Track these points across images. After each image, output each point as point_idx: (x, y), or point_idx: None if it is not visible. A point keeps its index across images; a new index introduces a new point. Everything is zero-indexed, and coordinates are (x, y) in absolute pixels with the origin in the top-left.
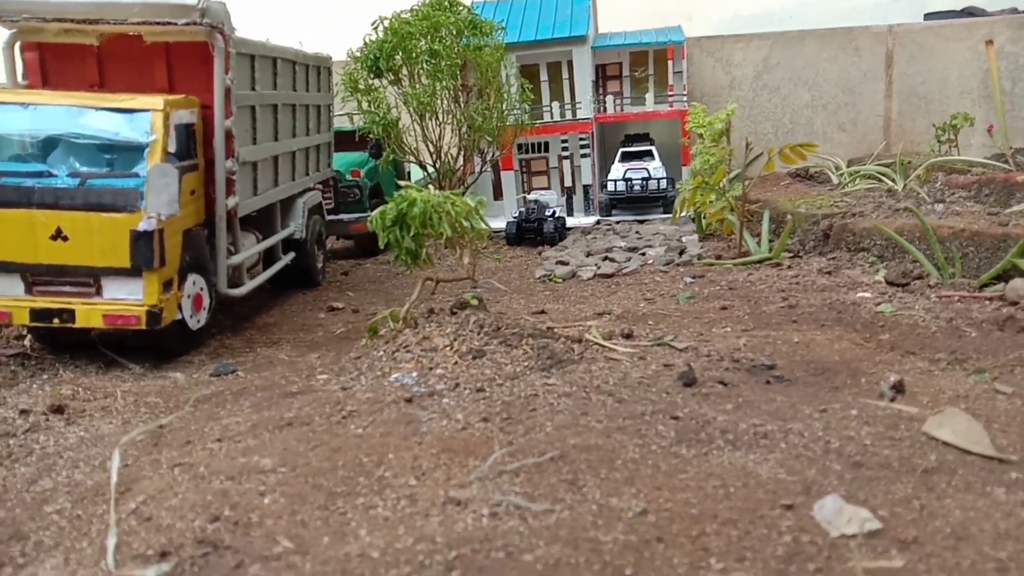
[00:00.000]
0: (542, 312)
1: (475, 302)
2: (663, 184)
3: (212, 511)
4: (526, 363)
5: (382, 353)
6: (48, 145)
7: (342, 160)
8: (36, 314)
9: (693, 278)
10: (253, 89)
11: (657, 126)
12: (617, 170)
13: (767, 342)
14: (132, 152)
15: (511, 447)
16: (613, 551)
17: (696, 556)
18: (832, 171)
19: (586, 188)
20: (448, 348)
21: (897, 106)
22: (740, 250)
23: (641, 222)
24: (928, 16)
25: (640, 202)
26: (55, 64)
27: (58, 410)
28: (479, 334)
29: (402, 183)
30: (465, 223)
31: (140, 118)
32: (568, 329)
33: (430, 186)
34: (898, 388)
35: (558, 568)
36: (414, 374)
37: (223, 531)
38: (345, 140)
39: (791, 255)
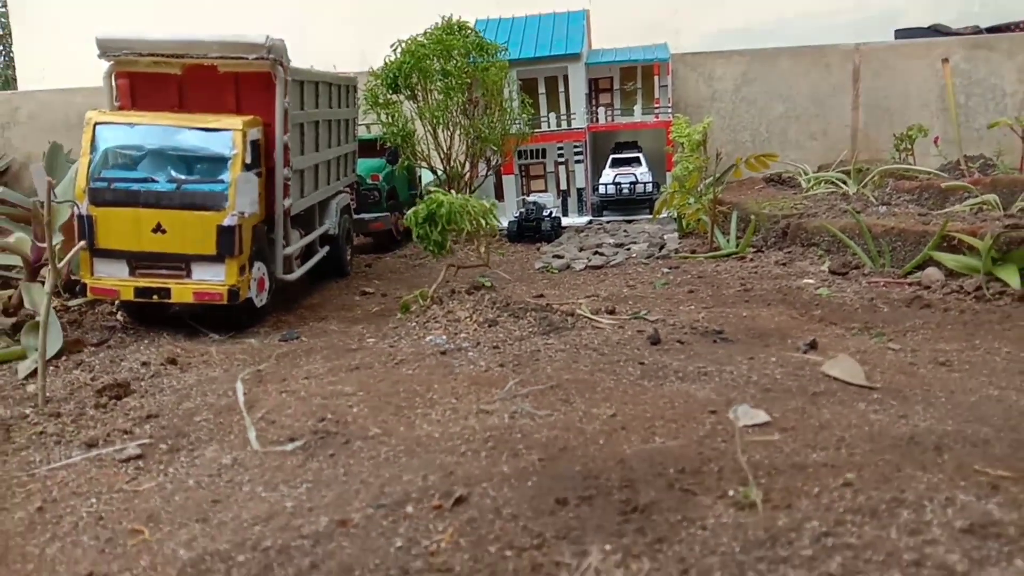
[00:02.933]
0: (541, 296)
1: (488, 284)
2: (649, 188)
3: (318, 416)
4: (530, 329)
5: (415, 324)
6: (150, 157)
7: (363, 166)
8: (139, 291)
9: (669, 269)
10: (302, 109)
11: (645, 135)
12: (608, 175)
13: (721, 316)
14: (218, 163)
15: (522, 381)
16: (592, 433)
17: (646, 435)
18: (801, 176)
19: (580, 191)
20: (468, 319)
21: (863, 117)
22: (711, 245)
23: (629, 222)
24: (898, 32)
25: (628, 204)
26: (143, 89)
27: (172, 361)
28: (492, 308)
29: (431, 188)
30: (482, 220)
31: (224, 136)
32: (563, 306)
33: (441, 188)
34: (812, 345)
35: (556, 440)
36: (444, 337)
37: (330, 425)
38: (365, 148)
39: (755, 250)
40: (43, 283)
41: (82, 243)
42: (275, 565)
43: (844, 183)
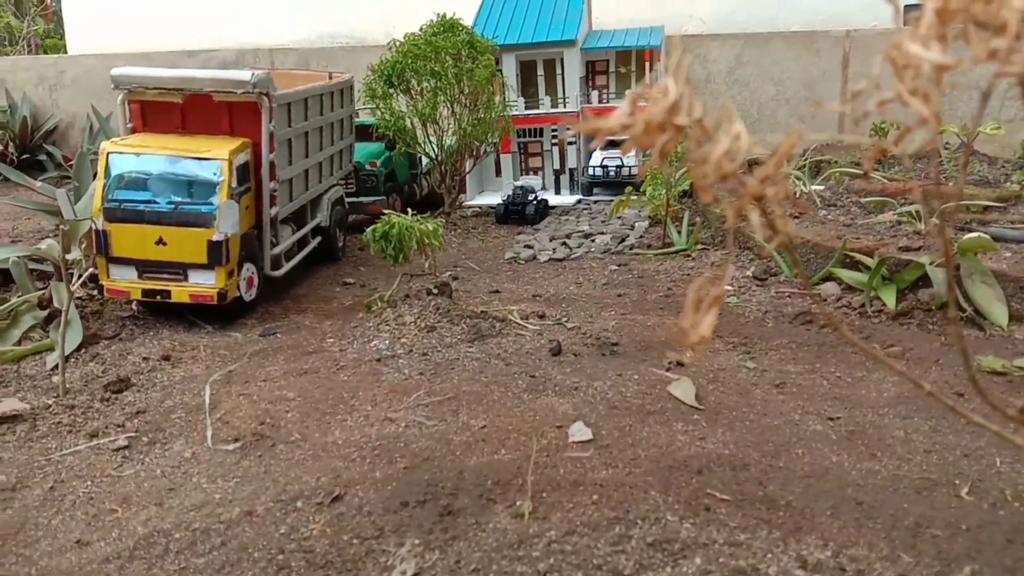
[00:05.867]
0: (497, 291)
1: (436, 292)
2: (634, 171)
3: (260, 419)
4: (460, 336)
5: (371, 325)
6: (153, 181)
7: (363, 151)
8: (146, 292)
9: (617, 267)
10: (289, 126)
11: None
12: (597, 157)
13: (629, 324)
14: (208, 187)
15: (430, 391)
16: (457, 444)
17: (495, 447)
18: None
19: (572, 171)
20: (412, 323)
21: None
22: (664, 241)
23: None
24: (908, 7)
25: (615, 185)
26: (151, 114)
27: (167, 358)
28: (435, 314)
29: (407, 215)
30: (427, 240)
31: (213, 164)
32: (498, 312)
33: (431, 172)
34: (679, 363)
35: (425, 451)
36: (387, 342)
37: (266, 429)
38: (364, 132)
39: (703, 247)
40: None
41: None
42: (198, 542)
43: (800, 179)
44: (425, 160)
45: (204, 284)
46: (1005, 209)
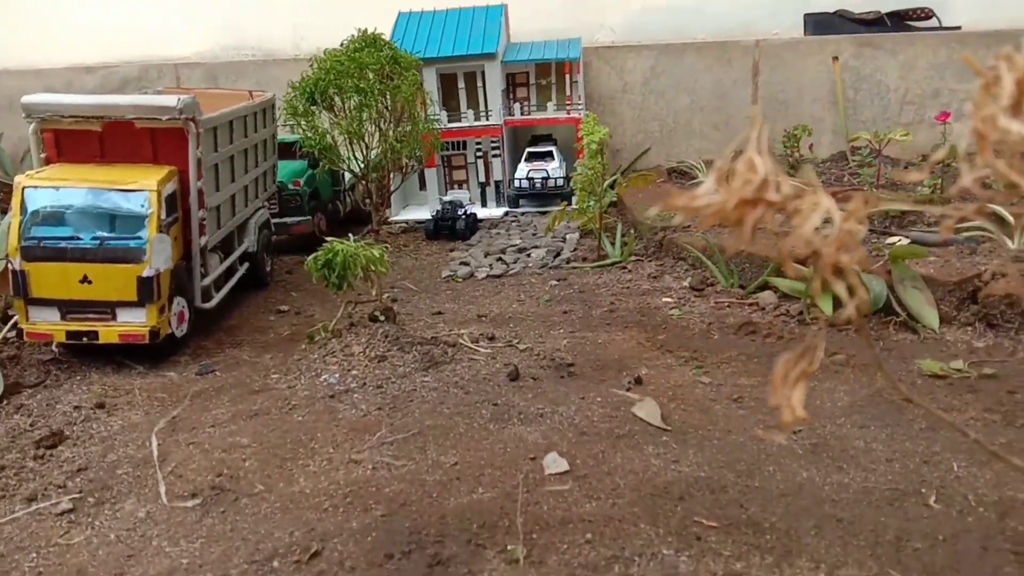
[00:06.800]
0: (439, 313)
1: (382, 318)
2: (559, 182)
3: (216, 471)
4: (413, 364)
5: (316, 356)
6: (75, 215)
7: (284, 170)
8: (70, 334)
9: (557, 281)
10: (216, 151)
11: (560, 129)
12: (522, 169)
13: (580, 342)
14: (136, 220)
15: (392, 427)
16: (431, 485)
17: (472, 486)
18: (700, 170)
19: (497, 183)
20: (361, 354)
21: (761, 109)
22: (599, 253)
23: (543, 213)
24: (807, 16)
25: (541, 197)
26: (66, 142)
27: (101, 406)
28: (384, 342)
29: (330, 238)
30: (373, 267)
31: (140, 196)
32: (448, 336)
33: (356, 186)
34: (637, 381)
35: (400, 495)
36: (336, 375)
37: (225, 481)
38: (286, 150)
39: (637, 259)
40: None
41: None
42: None
43: None
44: (348, 176)
45: (134, 323)
46: (922, 213)
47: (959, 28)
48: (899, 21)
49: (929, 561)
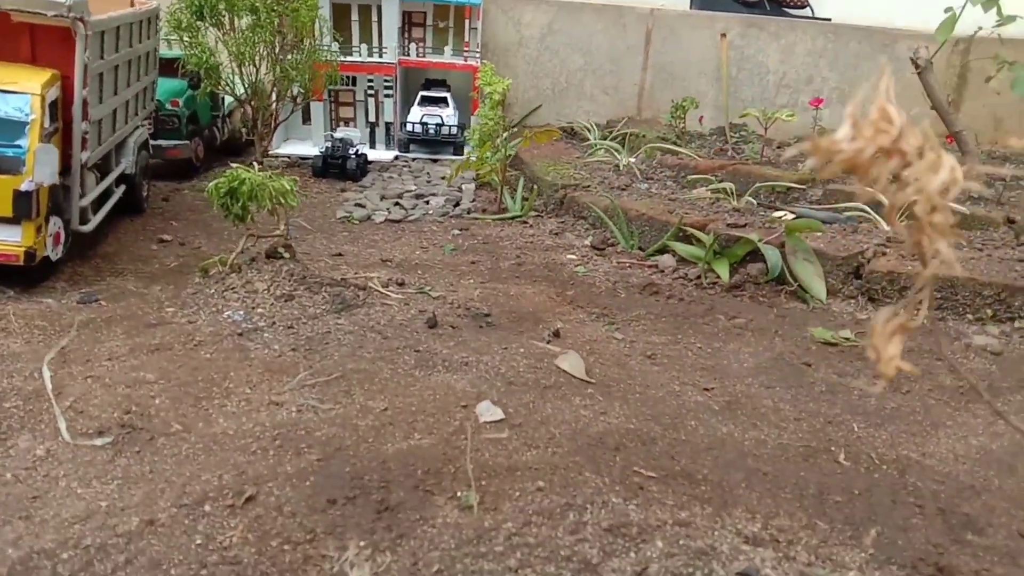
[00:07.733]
0: (340, 254)
1: (286, 255)
2: (454, 130)
3: (123, 407)
4: (324, 306)
5: (213, 291)
6: None
7: (163, 88)
8: None
9: (459, 231)
10: (102, 58)
11: (454, 75)
12: (415, 113)
13: (493, 293)
14: (15, 126)
15: (311, 370)
16: (364, 429)
17: (407, 432)
18: (589, 131)
19: (388, 125)
20: (266, 291)
21: (650, 79)
22: (499, 206)
23: (434, 160)
24: None
25: (434, 143)
26: None
27: None
28: (289, 281)
29: (234, 162)
30: (281, 200)
31: (21, 98)
32: (357, 279)
33: (238, 110)
34: (556, 334)
35: (333, 439)
36: (241, 313)
37: (135, 419)
38: (166, 66)
39: (537, 214)
40: None
41: None
42: (95, 561)
43: (618, 152)
44: (229, 101)
45: (9, 241)
46: (804, 191)
47: (829, 20)
48: (776, 7)
49: (850, 513)
